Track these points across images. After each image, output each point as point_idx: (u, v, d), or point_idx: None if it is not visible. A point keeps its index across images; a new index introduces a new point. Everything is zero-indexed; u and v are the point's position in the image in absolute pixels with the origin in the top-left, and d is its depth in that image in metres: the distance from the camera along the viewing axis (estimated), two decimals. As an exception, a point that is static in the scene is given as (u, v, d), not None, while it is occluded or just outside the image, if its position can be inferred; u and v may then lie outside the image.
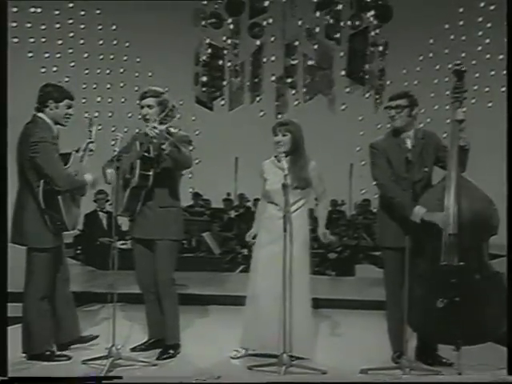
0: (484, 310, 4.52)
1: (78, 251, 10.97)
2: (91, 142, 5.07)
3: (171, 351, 5.02)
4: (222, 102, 12.95)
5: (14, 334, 5.29)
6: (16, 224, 4.85)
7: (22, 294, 6.29)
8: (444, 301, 4.55)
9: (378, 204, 5.14)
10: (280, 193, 4.92)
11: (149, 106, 5.02)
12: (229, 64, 12.27)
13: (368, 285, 9.14)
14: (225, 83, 12.41)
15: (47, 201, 4.73)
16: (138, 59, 14.43)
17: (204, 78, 11.81)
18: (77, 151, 5.02)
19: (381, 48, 11.54)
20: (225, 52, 12.14)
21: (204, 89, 12.48)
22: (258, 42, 11.97)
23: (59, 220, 4.76)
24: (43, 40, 14.04)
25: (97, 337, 5.35)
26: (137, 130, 5.48)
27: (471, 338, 4.57)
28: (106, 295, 7.10)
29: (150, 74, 14.12)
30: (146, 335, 5.32)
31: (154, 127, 4.71)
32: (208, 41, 12.06)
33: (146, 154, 4.89)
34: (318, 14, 11.04)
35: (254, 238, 5.24)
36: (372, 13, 11.03)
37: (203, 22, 11.64)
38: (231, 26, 11.76)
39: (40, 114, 4.87)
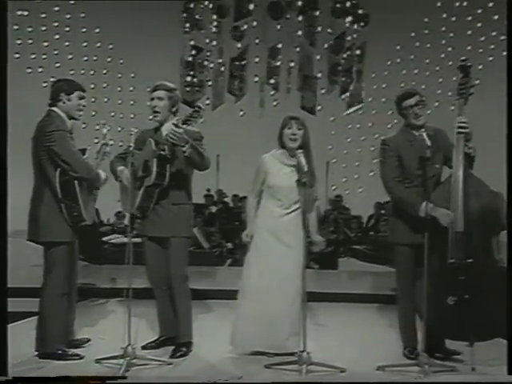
0: (494, 305, 4.19)
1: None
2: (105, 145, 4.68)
3: (184, 349, 4.57)
4: (207, 102, 12.48)
5: (23, 331, 4.89)
6: (33, 220, 4.43)
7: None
8: (454, 299, 4.25)
9: (390, 202, 4.76)
10: (286, 189, 4.54)
11: (159, 98, 4.61)
12: (211, 65, 11.78)
13: (350, 278, 8.87)
14: (209, 83, 11.88)
15: (64, 190, 4.31)
16: (121, 61, 13.89)
17: (188, 78, 11.30)
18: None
19: (358, 52, 11.21)
20: (208, 54, 11.64)
21: (188, 89, 11.97)
22: (239, 45, 11.48)
23: (76, 210, 4.33)
24: (30, 42, 13.40)
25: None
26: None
27: (482, 334, 4.26)
28: (106, 290, 6.67)
29: (132, 74, 13.71)
30: (157, 333, 4.86)
31: (175, 131, 4.27)
32: (192, 42, 11.54)
33: (162, 153, 4.43)
34: (300, 18, 10.66)
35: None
36: (350, 19, 10.69)
37: (188, 24, 11.10)
38: (215, 29, 11.25)
39: (53, 108, 4.50)
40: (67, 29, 13.78)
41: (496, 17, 13.00)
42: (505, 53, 12.65)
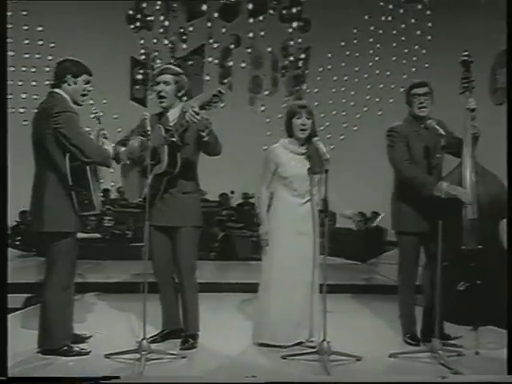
0: (501, 291, 3.96)
1: (17, 242, 9.53)
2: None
3: (191, 340, 4.14)
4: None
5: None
6: (36, 210, 3.84)
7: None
8: (465, 284, 4.08)
9: (392, 189, 4.50)
10: (300, 178, 4.20)
11: (165, 83, 4.17)
12: (159, 64, 11.20)
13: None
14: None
15: (75, 176, 3.73)
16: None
17: (139, 76, 10.67)
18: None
19: (303, 55, 10.99)
20: (156, 54, 11.06)
21: (137, 86, 11.31)
22: (184, 46, 10.98)
23: (87, 198, 3.75)
24: (-31, 39, 12.32)
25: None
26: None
27: (487, 319, 4.12)
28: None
29: (76, 72, 12.88)
30: (160, 326, 4.37)
31: (196, 113, 3.83)
32: (142, 41, 10.92)
33: (174, 140, 3.97)
34: (251, 20, 10.32)
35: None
36: (295, 24, 10.47)
37: (138, 23, 10.50)
38: (163, 29, 10.68)
39: (57, 90, 3.92)
40: (10, 26, 12.83)
41: (418, 32, 13.24)
42: (427, 65, 12.69)
